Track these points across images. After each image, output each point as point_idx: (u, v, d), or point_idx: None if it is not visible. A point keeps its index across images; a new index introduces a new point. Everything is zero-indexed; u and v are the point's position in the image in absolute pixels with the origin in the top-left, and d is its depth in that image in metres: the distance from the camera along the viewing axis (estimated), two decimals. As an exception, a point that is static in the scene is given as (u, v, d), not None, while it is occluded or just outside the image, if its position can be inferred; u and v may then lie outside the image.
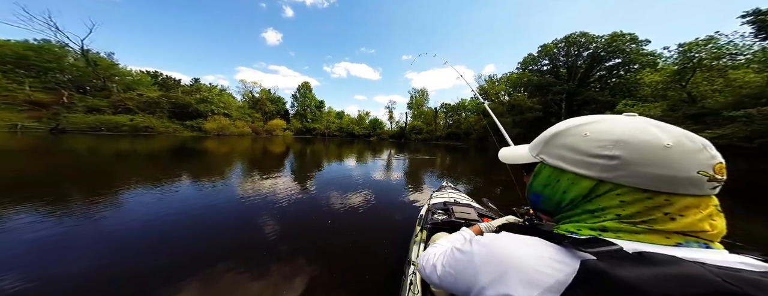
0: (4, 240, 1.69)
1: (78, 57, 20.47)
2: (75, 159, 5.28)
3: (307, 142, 18.23)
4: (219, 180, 3.75)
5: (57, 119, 15.91)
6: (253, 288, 1.27)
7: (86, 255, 1.56)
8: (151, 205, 2.51)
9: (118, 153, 6.70)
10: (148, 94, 22.27)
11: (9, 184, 3.06)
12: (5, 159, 4.90)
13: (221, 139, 17.36)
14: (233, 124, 25.57)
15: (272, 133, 30.24)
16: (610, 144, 0.27)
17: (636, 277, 0.19)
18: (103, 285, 1.28)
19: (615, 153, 0.27)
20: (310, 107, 41.72)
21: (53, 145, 7.69)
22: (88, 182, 3.36)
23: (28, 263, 1.45)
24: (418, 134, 35.86)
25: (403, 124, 42.35)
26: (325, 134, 38.64)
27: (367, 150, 12.03)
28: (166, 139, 13.34)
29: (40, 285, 1.26)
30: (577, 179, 0.30)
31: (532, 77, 23.02)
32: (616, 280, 0.19)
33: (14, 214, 2.12)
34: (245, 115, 30.74)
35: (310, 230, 2.06)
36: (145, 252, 1.62)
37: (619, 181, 0.27)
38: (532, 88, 23.04)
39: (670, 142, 0.25)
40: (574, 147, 0.30)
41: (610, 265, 0.21)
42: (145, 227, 1.99)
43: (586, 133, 0.30)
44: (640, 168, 0.26)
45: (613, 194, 0.28)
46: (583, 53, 21.07)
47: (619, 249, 0.23)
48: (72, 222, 2.05)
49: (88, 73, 20.45)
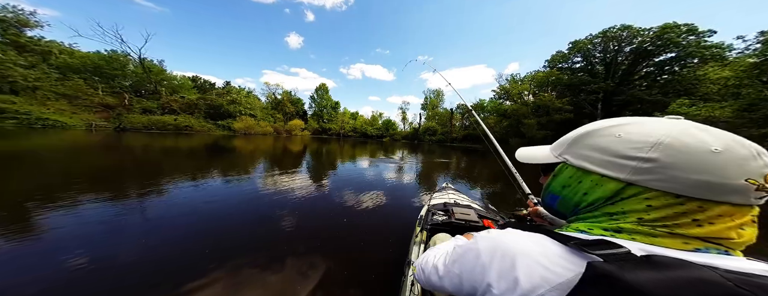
0: (80, 222, 2.01)
1: (137, 64, 23.96)
2: (133, 154, 6.21)
3: (323, 142, 19.09)
4: (245, 175, 4.20)
5: (120, 119, 18.95)
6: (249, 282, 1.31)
7: (142, 234, 1.84)
8: (190, 194, 2.92)
9: (164, 149, 7.79)
10: (188, 97, 25.34)
11: (88, 175, 3.70)
12: (86, 153, 6.00)
13: (247, 137, 19.03)
14: (258, 123, 27.95)
15: (291, 132, 32.38)
16: (647, 146, 0.26)
17: (645, 280, 0.18)
18: (154, 258, 1.52)
19: (651, 156, 0.25)
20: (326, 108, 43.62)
21: (117, 142, 9.14)
22: (143, 173, 4.00)
23: (99, 240, 1.73)
24: (432, 135, 35.39)
25: (416, 125, 42.21)
26: (339, 134, 40.18)
27: (379, 151, 12.19)
28: (202, 137, 15.14)
29: (103, 258, 1.49)
30: (603, 181, 0.29)
31: (562, 76, 21.39)
32: (624, 283, 0.19)
33: (90, 199, 2.55)
34: (268, 116, 33.37)
35: (312, 227, 2.12)
36: (185, 234, 1.88)
37: (650, 185, 0.26)
38: (562, 88, 21.58)
39: (718, 147, 0.23)
40: (605, 148, 0.29)
41: (617, 268, 0.20)
42: (181, 212, 2.32)
43: (620, 134, 0.28)
44: (678, 172, 0.24)
45: (641, 198, 0.27)
46: (625, 48, 18.97)
47: (628, 252, 0.22)
48: (130, 206, 2.43)
49: (143, 78, 23.92)
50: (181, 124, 21.27)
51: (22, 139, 7.95)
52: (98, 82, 20.86)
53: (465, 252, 0.32)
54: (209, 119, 24.98)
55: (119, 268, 1.43)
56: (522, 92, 25.93)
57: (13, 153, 5.05)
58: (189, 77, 32.31)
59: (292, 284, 1.33)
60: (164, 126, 20.23)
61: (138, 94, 23.48)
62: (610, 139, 0.29)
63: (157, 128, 19.61)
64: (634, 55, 18.37)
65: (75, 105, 17.80)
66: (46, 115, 15.25)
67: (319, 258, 1.59)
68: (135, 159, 5.51)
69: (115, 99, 20.45)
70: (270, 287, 1.30)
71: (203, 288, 1.27)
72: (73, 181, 3.17)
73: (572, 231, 0.31)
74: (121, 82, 22.63)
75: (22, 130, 11.41)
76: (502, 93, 28.46)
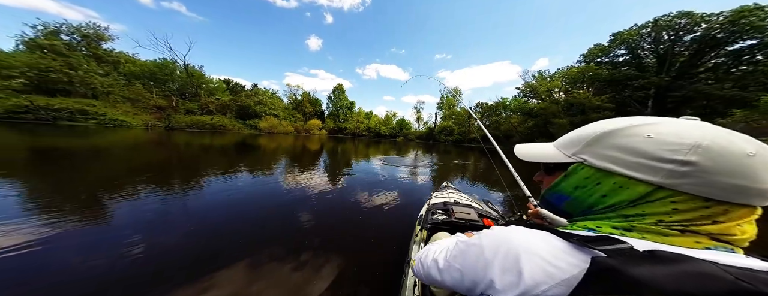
0: (135, 209, 2.28)
1: (182, 70, 27.35)
2: (180, 151, 7.25)
3: (338, 141, 20.19)
4: (268, 171, 4.71)
5: (169, 119, 21.96)
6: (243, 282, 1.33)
7: (187, 220, 2.09)
8: (226, 185, 3.32)
9: (205, 146, 8.86)
10: (222, 99, 28.19)
11: (149, 167, 4.34)
12: (146, 149, 7.08)
13: (271, 136, 20.80)
14: (280, 123, 30.32)
15: (310, 131, 34.40)
16: (684, 148, 0.25)
17: (650, 275, 0.19)
18: (195, 240, 1.74)
19: (690, 159, 0.24)
20: (342, 108, 45.28)
21: (167, 139, 10.70)
22: (188, 166, 4.68)
23: (152, 224, 1.97)
24: (448, 135, 34.46)
25: (432, 125, 41.26)
26: (354, 134, 41.57)
27: (392, 151, 12.33)
28: (233, 136, 16.90)
29: (153, 238, 1.72)
30: (629, 183, 0.28)
31: (601, 71, 19.25)
32: (628, 278, 0.19)
33: (145, 188, 2.89)
34: (289, 116, 35.88)
35: (314, 226, 2.16)
36: (226, 219, 2.14)
37: (682, 188, 0.25)
38: (601, 84, 19.40)
39: (753, 151, 0.24)
40: (634, 149, 0.28)
41: (621, 263, 0.20)
42: (212, 200, 2.65)
43: (650, 135, 0.27)
44: (715, 176, 0.24)
45: (667, 201, 0.26)
46: (684, 38, 16.31)
47: (630, 248, 0.23)
48: (177, 194, 2.76)
49: (187, 82, 27.33)
50: (216, 124, 23.98)
51: (99, 136, 9.65)
52: (153, 87, 24.41)
53: (468, 247, 0.32)
54: (239, 119, 27.65)
55: (168, 246, 1.65)
56: (551, 89, 23.94)
57: (94, 149, 6.18)
58: (223, 80, 35.93)
59: (292, 281, 1.35)
60: (203, 125, 23.04)
61: (182, 96, 26.89)
62: (639, 139, 0.28)
63: (197, 127, 22.36)
64: (697, 44, 15.63)
65: (136, 107, 21.15)
66: (116, 116, 18.45)
67: (318, 257, 1.59)
68: (182, 155, 6.39)
69: (165, 101, 23.78)
70: (272, 280, 1.35)
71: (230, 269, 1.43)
72: (137, 173, 3.79)
73: (578, 229, 0.31)
74: (169, 86, 26.21)
75: (99, 129, 14.28)
76: (528, 90, 26.53)
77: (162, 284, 1.29)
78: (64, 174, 3.46)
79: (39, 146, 5.89)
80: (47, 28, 19.39)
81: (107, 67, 21.58)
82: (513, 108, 29.56)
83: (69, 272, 1.36)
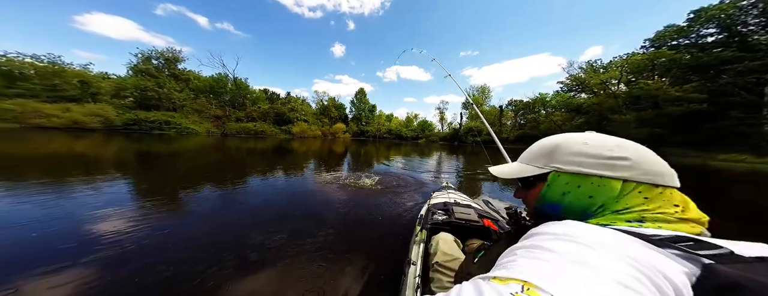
0: (198, 204, 2.58)
1: (232, 83, 32.21)
2: (232, 153, 8.50)
3: (361, 143, 21.11)
4: (299, 171, 5.20)
5: (224, 126, 26.02)
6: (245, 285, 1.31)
7: (245, 213, 2.40)
8: (270, 184, 3.66)
9: (252, 149, 10.14)
10: (263, 107, 32.15)
11: (208, 168, 4.98)
12: (210, 152, 8.27)
13: (301, 140, 22.52)
14: (310, 127, 33.40)
15: (335, 135, 36.96)
16: (614, 146, 0.32)
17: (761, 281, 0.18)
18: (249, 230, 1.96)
19: (622, 155, 0.31)
20: (364, 111, 47.01)
21: (222, 144, 12.42)
22: (241, 167, 5.31)
23: (215, 217, 2.22)
24: (475, 136, 32.69)
25: (456, 126, 39.79)
26: (375, 136, 42.96)
27: (414, 153, 12.31)
28: (272, 140, 19.04)
29: (213, 230, 1.94)
30: (604, 181, 0.32)
31: (680, 55, 16.01)
32: (751, 287, 0.18)
33: (206, 187, 3.29)
34: (317, 121, 39.32)
35: (314, 226, 2.17)
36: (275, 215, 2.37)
37: (639, 179, 0.30)
38: (681, 71, 16.05)
39: (638, 145, 0.33)
40: (587, 153, 0.33)
41: (747, 272, 0.19)
42: (257, 198, 2.95)
43: (587, 142, 0.33)
44: (645, 165, 0.30)
45: (636, 192, 0.30)
46: None
47: (733, 253, 0.21)
48: (233, 192, 3.15)
49: (236, 93, 32.11)
50: (258, 129, 27.68)
51: (177, 142, 11.76)
52: (212, 99, 29.36)
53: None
54: (275, 125, 31.15)
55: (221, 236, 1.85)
56: (606, 81, 20.82)
57: (174, 152, 7.57)
58: (262, 90, 41.00)
59: (288, 280, 1.36)
60: (248, 131, 26.78)
61: (233, 106, 31.70)
62: (582, 147, 0.34)
63: (244, 133, 26.07)
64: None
65: (201, 117, 25.79)
66: (189, 125, 22.88)
67: (318, 256, 1.60)
68: (239, 156, 7.54)
69: (221, 111, 28.34)
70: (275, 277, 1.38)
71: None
72: (204, 171, 4.45)
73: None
74: (223, 98, 31.16)
75: (177, 136, 17.59)
76: (575, 84, 24.01)
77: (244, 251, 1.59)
78: (157, 172, 4.32)
79: (142, 150, 7.55)
80: (144, 55, 25.36)
81: (181, 84, 26.99)
82: (555, 104, 26.70)
83: (160, 250, 1.61)
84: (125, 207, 2.36)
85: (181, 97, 25.63)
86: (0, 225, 1.84)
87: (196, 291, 1.21)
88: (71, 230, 1.85)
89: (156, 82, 23.82)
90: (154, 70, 24.31)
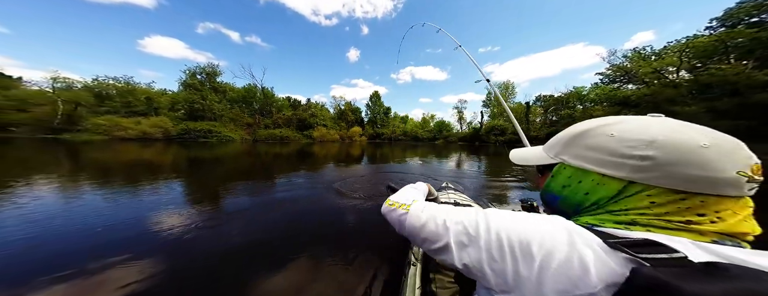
0: (235, 205, 2.78)
1: (260, 92, 35.42)
2: (263, 157, 8.94)
3: (376, 146, 21.31)
4: (317, 171, 5.70)
5: (254, 134, 28.77)
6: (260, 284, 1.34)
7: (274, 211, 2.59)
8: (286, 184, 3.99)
9: (276, 153, 10.71)
10: (287, 114, 34.76)
11: (239, 172, 5.43)
12: (245, 157, 8.82)
13: (321, 144, 23.42)
14: (328, 132, 35.26)
15: (352, 138, 37.04)
16: (642, 144, 0.27)
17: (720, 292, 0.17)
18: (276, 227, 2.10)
19: (648, 154, 0.26)
20: (379, 114, 48.15)
21: (254, 149, 13.14)
22: (272, 170, 5.70)
23: (252, 217, 2.37)
24: (499, 135, 30.35)
25: (476, 125, 37.89)
26: (391, 138, 43.61)
27: (430, 154, 11.77)
28: (296, 145, 19.99)
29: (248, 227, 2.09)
30: (604, 180, 0.30)
31: (762, 34, 13.43)
32: (656, 289, 0.18)
33: (240, 189, 3.53)
34: (335, 125, 41.36)
35: (314, 226, 2.26)
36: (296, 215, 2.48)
37: (651, 182, 0.27)
38: (766, 52, 13.33)
39: (706, 142, 0.25)
40: (600, 147, 0.30)
41: (674, 277, 0.18)
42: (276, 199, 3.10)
43: (612, 133, 0.30)
44: (675, 168, 0.25)
45: (643, 195, 0.27)
46: None
47: (684, 258, 0.21)
48: (264, 194, 3.34)
49: (264, 102, 35.16)
50: (283, 135, 30.24)
51: (217, 149, 12.67)
52: (244, 108, 32.70)
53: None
54: (298, 130, 33.37)
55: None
56: (662, 69, 17.97)
57: (215, 158, 8.16)
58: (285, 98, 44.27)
59: (287, 281, 1.38)
60: (275, 137, 29.21)
61: (262, 114, 34.82)
62: (603, 139, 0.30)
63: (271, 139, 28.54)
64: None
65: (236, 125, 28.91)
66: (227, 133, 25.88)
67: (317, 256, 1.62)
68: (269, 161, 8.01)
69: (252, 119, 31.39)
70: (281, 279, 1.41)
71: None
72: (239, 174, 4.93)
73: (582, 225, 0.30)
74: (253, 107, 34.43)
75: (217, 143, 18.90)
76: (619, 74, 21.21)
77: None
78: (204, 175, 4.83)
79: (191, 156, 8.39)
80: (190, 71, 29.48)
81: (219, 95, 30.73)
82: (594, 98, 24.18)
83: (205, 242, 1.82)
84: (179, 207, 2.64)
85: (220, 107, 29.25)
86: (96, 214, 2.30)
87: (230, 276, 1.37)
88: (150, 220, 2.20)
89: (200, 94, 27.59)
90: (198, 84, 28.20)
